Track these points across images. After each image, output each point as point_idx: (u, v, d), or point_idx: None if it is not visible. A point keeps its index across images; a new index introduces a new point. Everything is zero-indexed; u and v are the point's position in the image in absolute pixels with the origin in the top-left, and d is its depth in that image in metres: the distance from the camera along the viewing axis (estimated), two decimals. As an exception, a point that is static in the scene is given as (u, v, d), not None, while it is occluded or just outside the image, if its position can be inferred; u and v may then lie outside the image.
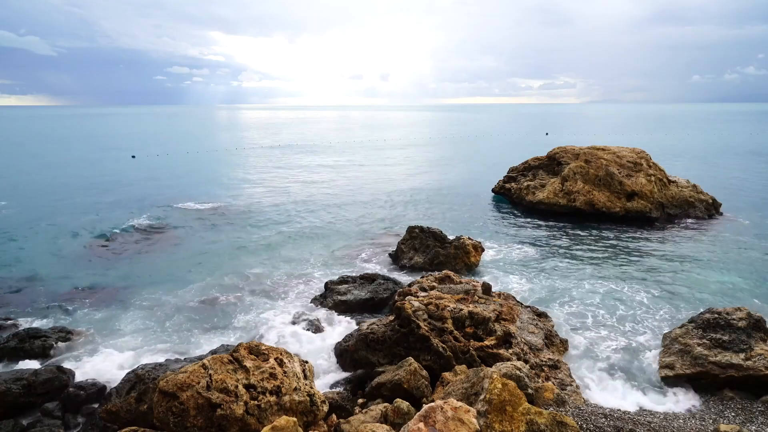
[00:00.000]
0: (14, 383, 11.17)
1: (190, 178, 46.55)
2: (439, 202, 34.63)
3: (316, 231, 27.25)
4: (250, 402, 8.56)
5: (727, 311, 13.11)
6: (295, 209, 32.73)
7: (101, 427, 10.02)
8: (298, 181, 44.58)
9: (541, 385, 10.52)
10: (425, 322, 12.50)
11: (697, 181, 32.48)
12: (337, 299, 16.73)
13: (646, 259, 21.58)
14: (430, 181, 44.06)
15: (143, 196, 37.14)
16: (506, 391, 8.00)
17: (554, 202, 30.59)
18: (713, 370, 11.85)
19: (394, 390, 10.46)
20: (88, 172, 50.03)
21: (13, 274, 20.44)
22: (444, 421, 7.22)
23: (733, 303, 16.53)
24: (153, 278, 19.98)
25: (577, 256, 22.12)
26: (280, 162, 59.01)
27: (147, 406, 9.46)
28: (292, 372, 9.38)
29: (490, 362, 11.65)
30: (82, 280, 19.83)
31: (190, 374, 8.64)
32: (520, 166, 36.06)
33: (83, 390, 11.37)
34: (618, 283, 18.88)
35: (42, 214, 31.19)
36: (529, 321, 13.99)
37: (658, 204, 29.49)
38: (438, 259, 20.51)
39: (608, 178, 29.82)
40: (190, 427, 8.24)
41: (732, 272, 19.88)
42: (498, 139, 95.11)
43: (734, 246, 23.27)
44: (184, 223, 29.01)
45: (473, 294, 14.49)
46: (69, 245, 24.53)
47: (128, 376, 11.01)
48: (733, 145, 75.18)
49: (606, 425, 9.03)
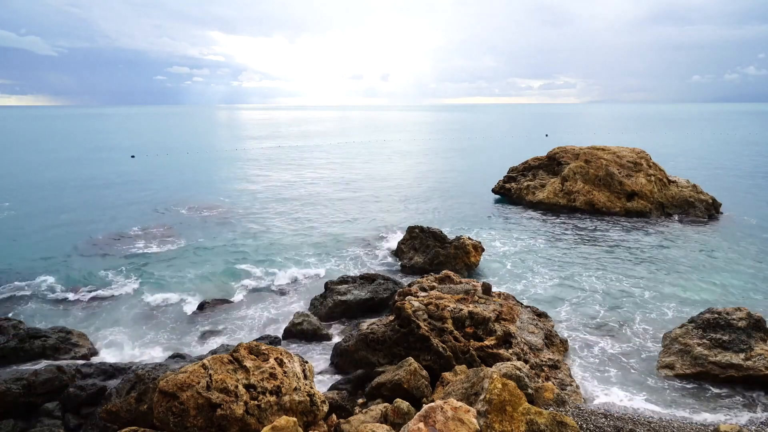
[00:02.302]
0: (14, 383, 11.16)
1: (190, 178, 46.55)
2: (439, 202, 34.64)
3: (316, 231, 27.25)
4: (250, 402, 8.56)
5: (727, 311, 13.11)
6: (295, 209, 32.73)
7: (101, 427, 10.01)
8: (298, 181, 44.58)
9: (541, 385, 10.51)
10: (425, 322, 12.50)
11: (697, 181, 32.49)
12: (337, 299, 16.73)
13: (646, 259, 21.58)
14: (431, 181, 44.06)
15: (143, 195, 37.14)
16: (506, 391, 8.00)
17: (554, 201, 30.59)
18: (713, 370, 11.85)
19: (394, 390, 10.45)
20: (88, 172, 50.04)
21: (13, 274, 20.44)
22: (444, 421, 7.22)
23: (733, 303, 16.54)
24: (153, 278, 19.98)
25: (577, 257, 22.11)
26: (280, 162, 59.01)
27: (147, 406, 9.45)
28: (292, 372, 9.38)
29: (490, 362, 11.64)
30: (82, 279, 19.83)
31: (190, 374, 8.64)
32: (520, 166, 36.07)
33: (83, 390, 11.35)
34: (618, 283, 18.88)
35: (42, 214, 31.19)
36: (529, 321, 13.98)
37: (658, 204, 29.50)
38: (438, 259, 20.50)
39: (608, 178, 29.83)
40: (190, 427, 8.23)
41: (732, 272, 19.88)
42: (498, 139, 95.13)
43: (734, 246, 23.27)
44: (183, 222, 29.01)
45: (473, 294, 14.48)
46: (69, 245, 24.52)
47: (128, 376, 10.99)
48: (733, 145, 75.19)
49: (606, 425, 9.02)
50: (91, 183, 43.16)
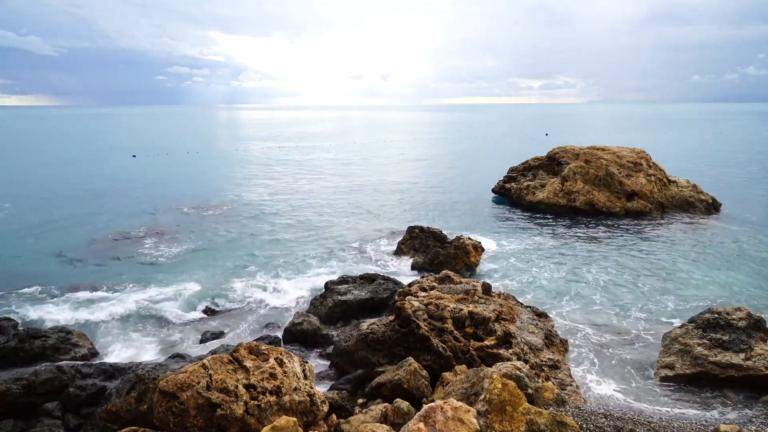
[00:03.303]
0: (14, 383, 11.15)
1: (190, 177, 46.55)
2: (439, 202, 34.63)
3: (316, 231, 27.25)
4: (250, 402, 8.56)
5: (727, 311, 13.11)
6: (295, 209, 32.73)
7: (101, 427, 10.01)
8: (297, 181, 44.59)
9: (541, 385, 10.51)
10: (425, 322, 12.50)
11: (696, 181, 32.49)
12: (337, 299, 16.73)
13: (646, 260, 21.58)
14: (431, 181, 44.06)
15: (144, 195, 37.15)
16: (506, 391, 8.00)
17: (554, 202, 30.58)
18: (713, 370, 11.85)
19: (394, 390, 10.45)
20: (89, 171, 50.04)
21: (13, 274, 20.45)
22: (444, 421, 7.22)
23: (733, 303, 16.54)
24: (153, 277, 19.99)
25: (577, 257, 22.11)
26: (280, 162, 59.02)
27: (147, 406, 9.45)
28: (292, 372, 9.38)
29: (490, 362, 11.64)
30: (82, 279, 19.84)
31: (190, 374, 8.64)
32: (520, 166, 36.06)
33: (83, 390, 11.35)
34: (618, 283, 18.88)
35: (42, 214, 31.19)
36: (529, 321, 13.98)
37: (658, 204, 29.49)
38: (438, 259, 20.50)
39: (608, 178, 29.82)
40: (190, 427, 8.23)
41: (732, 272, 19.88)
42: (498, 139, 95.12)
43: (734, 246, 23.27)
44: (183, 222, 29.02)
45: (473, 294, 14.48)
46: (69, 245, 24.53)
47: (128, 376, 10.99)
48: (733, 145, 75.18)
49: (606, 425, 9.02)
50: (92, 183, 43.16)
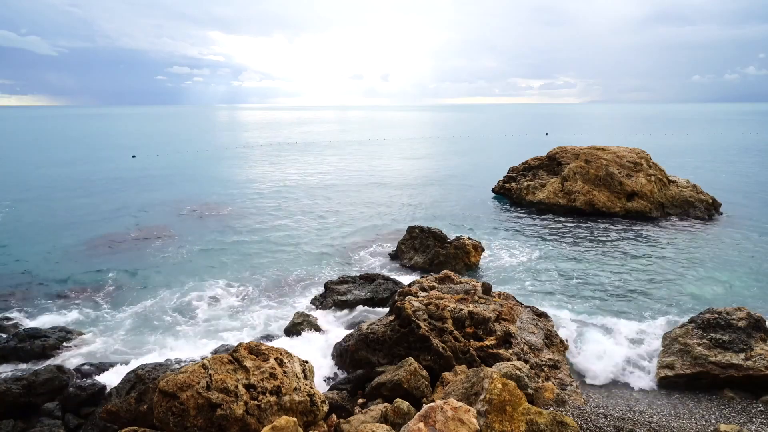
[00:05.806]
0: (14, 383, 11.17)
1: (190, 177, 46.53)
2: (439, 202, 34.62)
3: (316, 231, 27.25)
4: (250, 402, 8.56)
5: (727, 311, 13.10)
6: (295, 209, 32.73)
7: (101, 427, 10.01)
8: (297, 181, 44.57)
9: (541, 385, 10.51)
10: (425, 322, 12.50)
11: (697, 181, 32.47)
12: (337, 299, 16.73)
13: (646, 259, 21.58)
14: (430, 181, 44.05)
15: (143, 195, 37.14)
16: (506, 391, 8.00)
17: (554, 202, 30.58)
18: (713, 370, 11.84)
19: (394, 390, 10.45)
20: (89, 171, 50.02)
21: (13, 274, 20.44)
22: (444, 421, 7.22)
23: (733, 303, 16.52)
24: (153, 278, 19.98)
25: (577, 257, 22.11)
26: (280, 162, 59.00)
27: (147, 406, 9.46)
28: (292, 372, 9.38)
29: (490, 362, 11.64)
30: (82, 279, 19.83)
31: (190, 374, 8.64)
32: (520, 166, 36.07)
33: (83, 390, 11.36)
34: (618, 284, 18.88)
35: (42, 214, 31.19)
36: (529, 321, 13.98)
37: (658, 204, 29.49)
38: (438, 259, 20.50)
39: (608, 178, 29.82)
40: (190, 427, 8.23)
41: (732, 272, 19.88)
42: (498, 139, 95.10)
43: (734, 246, 23.26)
44: (183, 222, 29.02)
45: (473, 294, 14.48)
46: (69, 245, 24.53)
47: (128, 376, 11.01)
48: (733, 145, 75.16)
49: (606, 425, 9.02)
50: (92, 182, 43.15)
